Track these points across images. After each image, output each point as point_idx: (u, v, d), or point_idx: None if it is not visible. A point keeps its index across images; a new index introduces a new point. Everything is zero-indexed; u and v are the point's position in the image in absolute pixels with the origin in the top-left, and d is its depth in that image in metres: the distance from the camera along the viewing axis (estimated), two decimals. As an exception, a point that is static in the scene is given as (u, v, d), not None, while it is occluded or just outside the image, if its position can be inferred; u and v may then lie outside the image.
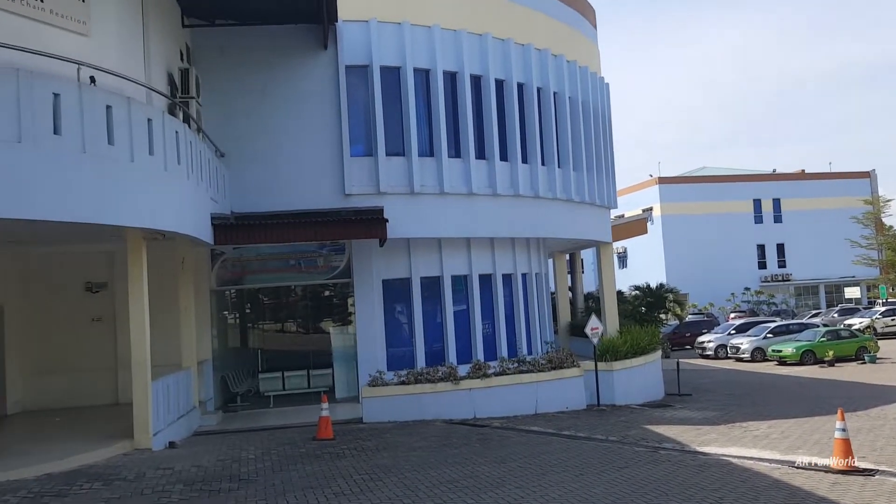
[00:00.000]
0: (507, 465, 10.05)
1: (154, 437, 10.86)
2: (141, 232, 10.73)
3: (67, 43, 10.08)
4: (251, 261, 16.10)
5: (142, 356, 10.80)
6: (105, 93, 9.76)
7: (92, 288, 15.47)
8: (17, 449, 10.65)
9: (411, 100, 16.36)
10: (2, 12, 9.36)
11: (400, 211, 15.73)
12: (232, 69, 15.70)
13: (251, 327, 19.90)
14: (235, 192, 15.34)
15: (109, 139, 9.59)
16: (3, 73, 8.47)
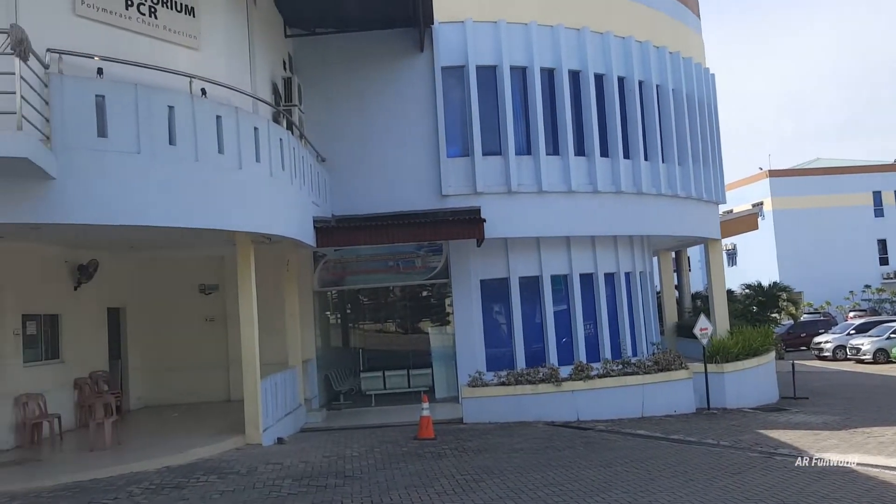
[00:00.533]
0: (612, 468, 9.79)
1: (264, 433, 11.25)
2: (249, 236, 11.14)
3: (180, 57, 10.61)
4: (351, 262, 16.44)
5: (251, 355, 11.20)
6: (215, 104, 10.20)
7: (205, 290, 16.24)
8: (140, 442, 11.28)
9: (508, 98, 16.26)
10: (122, 31, 9.97)
11: (497, 210, 15.67)
12: (331, 76, 16.12)
13: (352, 327, 20.33)
14: (336, 195, 15.74)
15: (219, 148, 10.02)
16: (123, 89, 9.00)
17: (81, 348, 13.32)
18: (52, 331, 12.63)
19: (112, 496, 8.33)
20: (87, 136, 8.57)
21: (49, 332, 12.55)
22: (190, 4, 10.88)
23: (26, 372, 11.55)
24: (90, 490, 8.60)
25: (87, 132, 8.59)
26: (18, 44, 7.57)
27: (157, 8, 10.42)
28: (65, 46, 8.91)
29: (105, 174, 8.68)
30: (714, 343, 17.00)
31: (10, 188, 8.07)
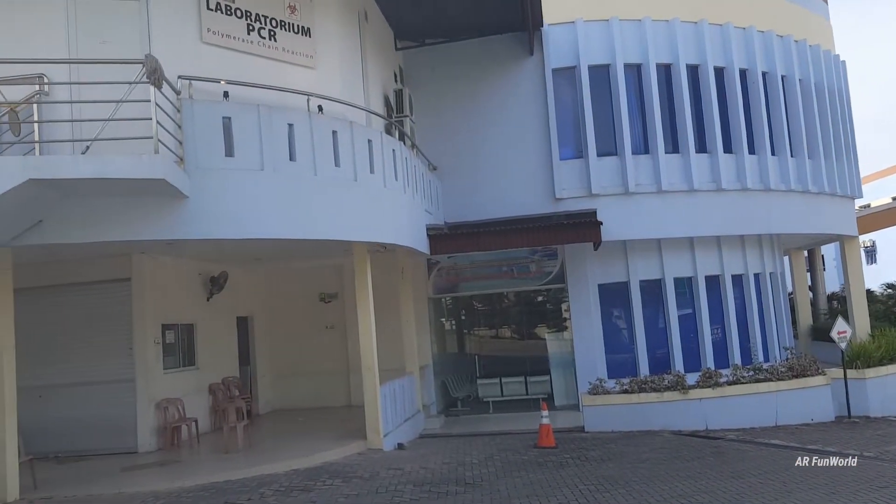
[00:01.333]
0: (744, 480, 9.27)
1: (384, 439, 11.45)
2: (365, 245, 11.41)
3: (298, 77, 11.03)
4: (465, 268, 16.52)
5: (370, 361, 11.45)
6: (330, 119, 10.53)
7: (325, 298, 16.78)
8: (269, 445, 11.76)
9: (622, 97, 15.87)
10: (245, 55, 10.51)
11: (614, 212, 15.29)
12: (441, 85, 16.31)
13: (467, 333, 20.39)
14: (448, 202, 15.88)
15: (336, 161, 10.33)
16: (247, 110, 9.46)
17: (214, 355, 14.08)
18: (188, 339, 13.41)
19: (245, 497, 8.70)
20: (215, 156, 9.07)
21: (185, 340, 13.33)
22: (306, 26, 11.30)
23: (166, 378, 12.31)
24: (226, 491, 9.03)
25: (216, 152, 9.09)
26: (153, 73, 8.09)
27: (277, 31, 10.89)
28: (194, 73, 9.46)
29: (232, 191, 9.14)
30: (854, 347, 15.81)
31: (148, 207, 8.64)
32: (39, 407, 11.14)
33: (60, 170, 7.70)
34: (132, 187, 8.24)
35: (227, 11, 10.40)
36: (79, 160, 7.87)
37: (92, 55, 8.88)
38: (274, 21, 10.88)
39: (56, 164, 7.75)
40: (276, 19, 10.90)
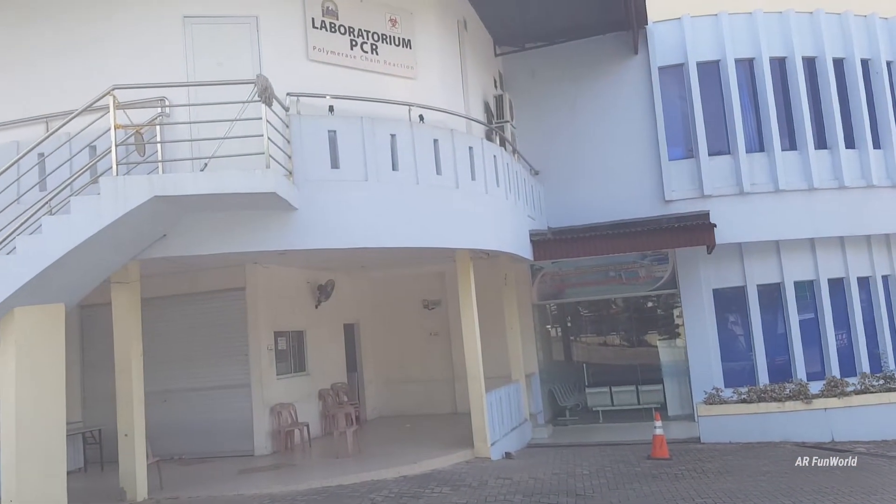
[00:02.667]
0: (878, 496, 8.60)
1: (492, 447, 11.38)
2: (468, 252, 11.40)
3: (399, 88, 11.18)
4: (570, 274, 16.24)
5: (475, 369, 11.41)
6: (431, 128, 10.61)
7: (428, 305, 16.91)
8: (378, 451, 11.94)
9: (734, 93, 15.23)
10: (348, 69, 10.75)
11: (728, 214, 14.65)
12: (542, 88, 16.14)
13: (573, 340, 20.04)
14: (551, 207, 15.68)
15: (437, 169, 10.40)
16: (351, 122, 9.69)
17: (323, 361, 14.46)
18: (298, 346, 13.83)
19: (357, 502, 8.86)
20: (322, 169, 9.33)
21: (296, 347, 13.76)
22: (407, 38, 11.47)
23: (279, 384, 12.75)
24: (338, 495, 9.22)
25: (322, 165, 9.35)
26: (263, 91, 8.41)
27: (378, 45, 11.11)
28: (301, 89, 9.77)
29: (338, 202, 9.35)
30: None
31: (260, 219, 8.98)
32: (164, 410, 11.77)
33: (182, 187, 8.12)
34: (246, 201, 8.58)
35: (332, 29, 10.70)
36: (198, 177, 8.28)
37: (208, 77, 9.32)
38: (376, 35, 11.09)
39: (178, 181, 8.17)
40: (377, 33, 11.12)
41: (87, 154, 9.00)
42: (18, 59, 10.22)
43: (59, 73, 9.99)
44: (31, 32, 10.23)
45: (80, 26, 10.11)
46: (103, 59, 9.86)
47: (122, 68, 9.55)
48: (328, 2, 10.71)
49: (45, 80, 10.04)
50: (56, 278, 7.94)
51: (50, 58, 10.10)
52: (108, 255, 8.58)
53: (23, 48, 10.23)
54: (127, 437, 8.99)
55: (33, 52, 10.18)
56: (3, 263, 7.78)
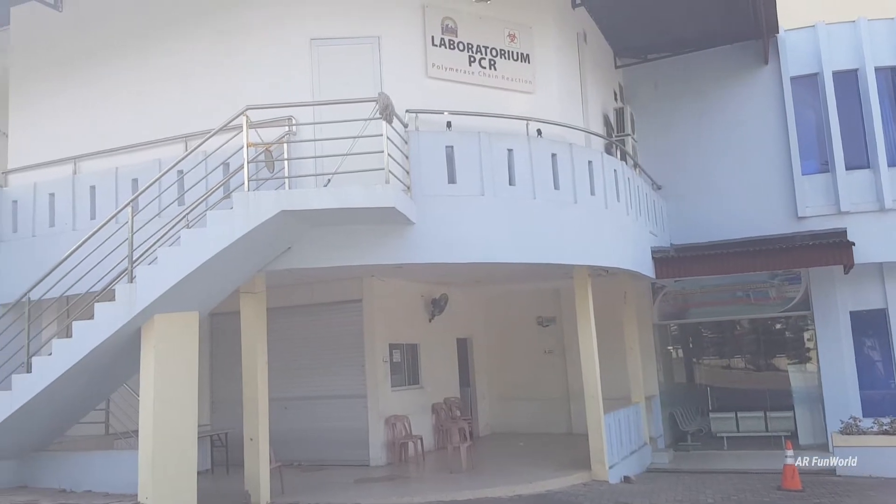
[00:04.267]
0: None
1: (610, 470, 11.04)
2: (586, 269, 11.17)
3: (517, 102, 11.15)
4: (694, 293, 15.57)
5: (593, 389, 11.13)
6: (549, 142, 10.51)
7: (542, 322, 16.68)
8: (492, 468, 11.84)
9: (874, 103, 14.19)
10: (466, 85, 10.83)
11: (867, 231, 13.60)
12: (665, 100, 15.67)
13: (695, 363, 19.21)
14: (674, 223, 15.13)
15: (555, 184, 10.28)
16: (468, 138, 9.76)
17: (436, 375, 14.54)
18: (412, 359, 13.98)
19: (470, 519, 8.82)
20: (439, 184, 9.44)
21: (410, 359, 13.91)
22: (525, 52, 11.43)
23: (394, 396, 12.93)
24: (451, 511, 9.22)
25: (440, 180, 9.45)
26: (384, 109, 8.62)
27: (497, 60, 11.14)
28: (419, 106, 9.93)
29: (455, 217, 9.41)
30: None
31: (378, 233, 9.19)
32: (284, 417, 12.19)
33: (307, 202, 8.43)
34: (366, 215, 8.79)
35: (451, 46, 10.83)
36: (322, 192, 8.58)
37: (332, 96, 9.65)
38: (494, 51, 11.14)
39: (303, 196, 8.50)
40: (496, 49, 11.16)
41: (221, 171, 9.53)
42: (160, 83, 10.99)
43: (196, 95, 10.67)
44: (171, 58, 10.99)
45: (216, 51, 10.76)
46: (236, 81, 10.44)
47: (254, 89, 10.07)
48: (448, 20, 10.86)
49: (183, 102, 10.73)
50: (192, 288, 8.43)
51: (188, 81, 10.81)
52: (238, 266, 9.03)
53: (163, 73, 11.00)
54: (252, 442, 9.37)
55: (173, 76, 10.93)
56: (147, 273, 8.35)
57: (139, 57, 11.22)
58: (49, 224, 11.17)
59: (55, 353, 8.60)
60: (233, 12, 10.77)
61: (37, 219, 11.27)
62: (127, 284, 8.42)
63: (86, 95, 11.55)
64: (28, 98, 12.09)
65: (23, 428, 8.99)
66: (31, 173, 11.62)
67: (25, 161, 11.80)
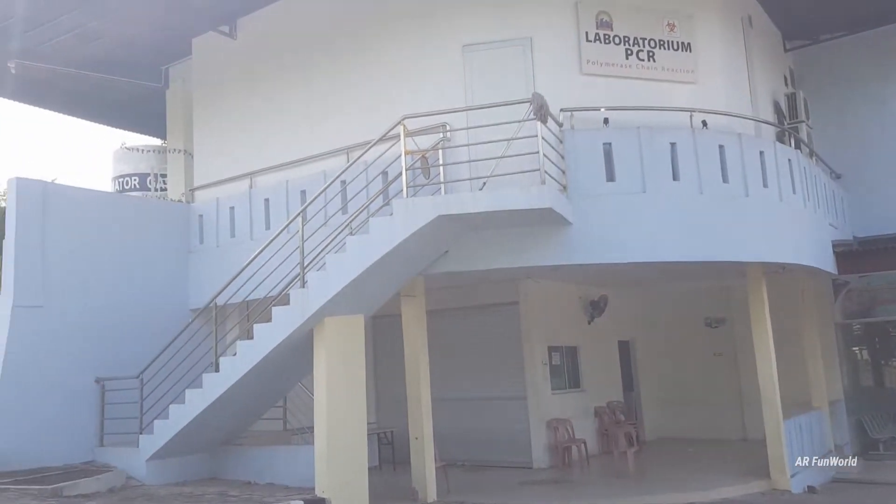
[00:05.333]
0: None
1: (791, 479, 10.29)
2: (761, 266, 10.50)
3: (677, 94, 10.69)
4: (882, 290, 14.18)
5: (771, 393, 10.44)
6: (715, 133, 9.98)
7: (711, 323, 15.81)
8: (660, 474, 11.43)
9: None
10: (622, 80, 10.54)
11: None
12: (842, 83, 14.49)
13: (884, 364, 17.43)
14: (857, 215, 13.92)
15: (723, 177, 9.75)
16: (626, 134, 9.49)
17: (597, 378, 14.21)
18: (572, 361, 13.76)
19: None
20: (596, 182, 9.25)
21: (570, 362, 13.70)
22: (686, 41, 10.94)
23: (554, 399, 12.78)
24: (617, 518, 8.97)
25: (597, 178, 9.26)
26: (539, 109, 8.56)
27: (655, 52, 10.74)
28: (574, 104, 9.78)
29: (614, 215, 9.18)
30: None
31: (535, 235, 9.14)
32: (446, 417, 12.37)
33: (463, 206, 8.54)
34: (522, 217, 8.76)
35: (606, 40, 10.58)
36: (477, 196, 8.66)
37: (485, 100, 9.71)
38: (652, 42, 10.74)
39: (460, 201, 8.61)
40: (654, 40, 10.76)
41: (380, 180, 9.88)
42: (323, 100, 11.62)
43: (355, 108, 11.19)
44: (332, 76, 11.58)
45: (372, 65, 11.24)
46: (391, 92, 10.84)
47: (409, 99, 10.35)
48: (602, 14, 10.61)
49: (344, 116, 11.29)
50: (357, 291, 8.80)
51: (348, 95, 11.35)
52: (399, 270, 9.31)
53: (326, 90, 11.61)
54: (417, 441, 9.62)
55: (335, 92, 11.51)
56: (317, 278, 8.81)
57: (304, 77, 11.93)
58: (230, 235, 12.13)
59: (239, 354, 9.28)
60: (388, 27, 11.19)
61: (220, 230, 12.28)
62: (299, 289, 8.93)
63: (259, 115, 12.42)
64: (209, 121, 13.21)
65: (212, 423, 9.78)
66: (214, 189, 12.68)
67: (208, 179, 12.89)
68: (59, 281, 10.63)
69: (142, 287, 11.56)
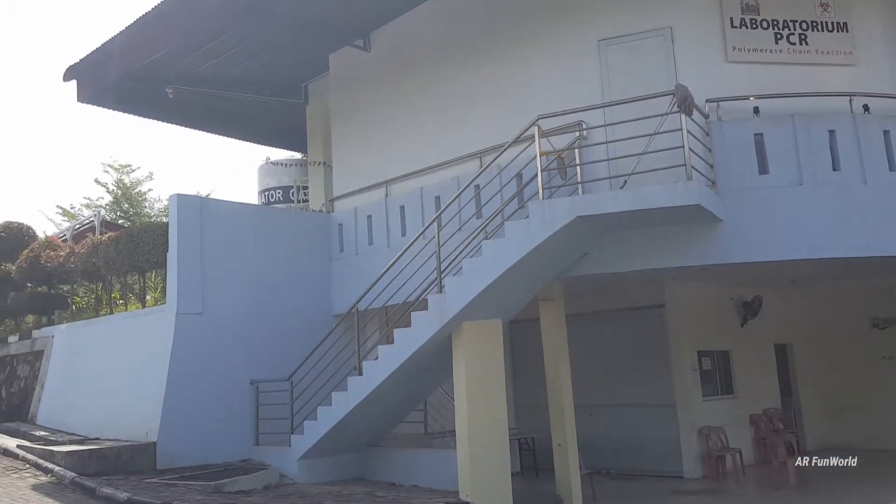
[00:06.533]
0: None
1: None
2: (940, 261, 9.47)
3: (833, 78, 9.85)
4: None
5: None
6: (880, 118, 9.19)
7: (879, 324, 14.49)
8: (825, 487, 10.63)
9: None
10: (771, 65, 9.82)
11: None
12: None
13: None
14: None
15: (890, 165, 8.93)
16: (779, 123, 8.90)
17: (752, 384, 13.39)
18: (724, 366, 13.05)
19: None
20: (748, 176, 8.75)
21: (721, 367, 12.99)
22: (841, 20, 10.08)
23: (705, 405, 12.15)
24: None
25: (748, 172, 8.76)
26: (683, 101, 8.14)
27: (807, 34, 9.97)
28: (719, 94, 9.25)
29: (768, 210, 8.64)
30: None
31: (681, 234, 8.73)
32: (590, 424, 12.07)
33: (603, 206, 8.27)
34: (667, 216, 8.37)
35: (752, 25, 9.92)
36: (618, 195, 8.36)
37: (622, 95, 9.37)
38: (804, 24, 9.97)
39: (599, 201, 8.36)
40: (805, 22, 9.98)
41: (514, 183, 9.77)
42: (456, 105, 11.64)
43: (488, 112, 11.11)
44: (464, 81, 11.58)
45: (504, 68, 11.13)
46: (524, 93, 10.66)
47: (542, 98, 10.10)
48: (748, -3, 9.98)
49: (477, 120, 11.25)
50: (495, 296, 8.72)
51: (480, 99, 11.30)
52: (537, 273, 9.16)
53: (458, 95, 11.63)
54: (560, 447, 9.41)
55: (467, 97, 11.51)
56: (454, 283, 8.82)
57: (436, 83, 12.02)
58: (368, 243, 12.45)
59: (381, 358, 9.46)
60: (520, 27, 11.06)
61: (358, 238, 12.63)
62: (437, 294, 8.96)
63: (392, 124, 12.66)
64: (346, 133, 13.63)
65: (357, 424, 10.03)
66: (352, 199, 13.07)
67: (347, 189, 13.30)
68: (215, 289, 11.28)
69: (289, 293, 12.06)
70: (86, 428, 11.88)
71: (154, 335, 11.14)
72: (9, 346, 15.38)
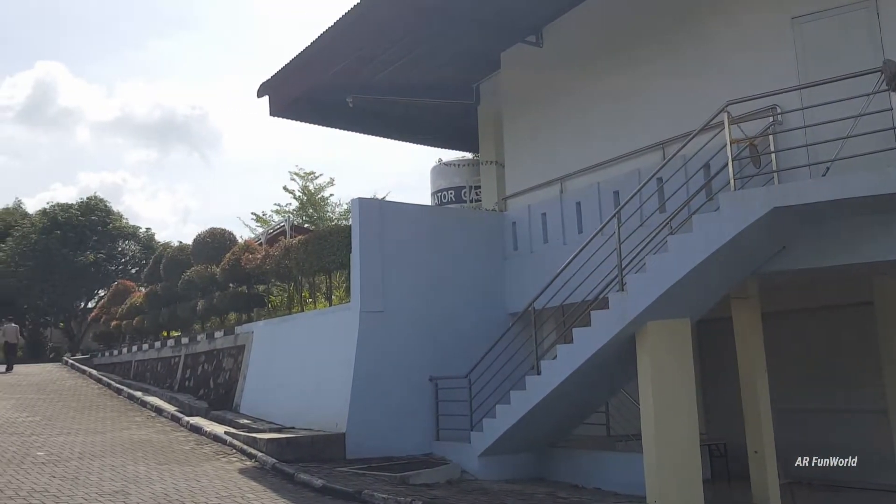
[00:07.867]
0: None
1: None
2: None
3: None
4: None
5: None
6: None
7: None
8: None
9: None
10: None
11: None
12: None
13: None
14: None
15: None
16: None
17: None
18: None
19: None
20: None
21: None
22: None
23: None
24: None
25: (973, 153, 7.67)
26: (893, 78, 7.38)
27: None
28: (940, 65, 8.19)
29: None
30: None
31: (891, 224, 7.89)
32: (791, 431, 11.17)
33: (803, 195, 7.68)
34: (876, 204, 7.65)
35: (974, -13, 8.72)
36: (820, 183, 7.73)
37: (820, 75, 8.57)
38: None
39: (799, 190, 7.77)
40: None
41: (701, 174, 9.26)
42: (635, 95, 11.19)
43: (669, 99, 10.59)
44: (643, 69, 11.12)
45: (686, 52, 10.56)
46: (709, 78, 10.04)
47: (729, 83, 9.46)
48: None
49: (657, 109, 10.77)
50: (682, 294, 8.33)
51: (661, 87, 10.79)
52: (728, 270, 8.65)
53: (637, 83, 11.18)
54: (757, 455, 8.82)
55: (647, 85, 11.03)
56: (637, 280, 8.52)
57: (611, 73, 11.63)
58: (543, 241, 12.36)
59: (560, 357, 9.33)
60: (704, 8, 10.45)
61: (532, 236, 12.58)
62: (618, 293, 8.69)
63: (566, 119, 12.45)
64: (518, 131, 13.60)
65: (537, 424, 9.96)
66: (525, 197, 13.03)
67: (520, 187, 13.28)
68: (395, 288, 11.68)
69: (464, 292, 12.24)
70: (282, 417, 12.76)
71: (340, 331, 11.74)
72: (215, 341, 16.86)
